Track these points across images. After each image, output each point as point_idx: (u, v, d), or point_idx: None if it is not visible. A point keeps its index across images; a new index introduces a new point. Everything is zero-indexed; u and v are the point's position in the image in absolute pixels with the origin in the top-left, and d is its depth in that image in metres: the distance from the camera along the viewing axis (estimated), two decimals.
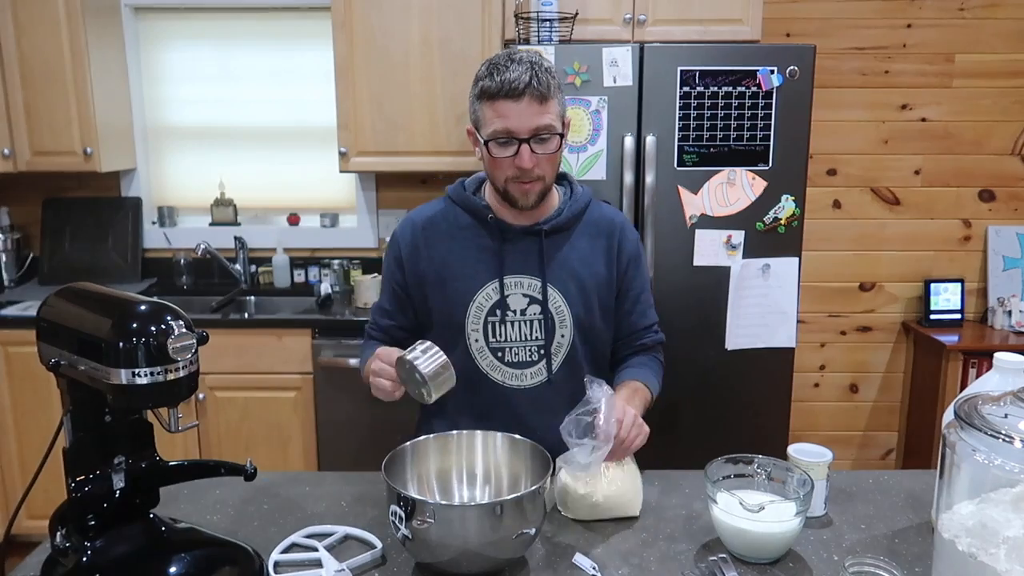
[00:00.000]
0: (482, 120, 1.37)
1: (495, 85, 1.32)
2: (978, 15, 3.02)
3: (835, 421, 3.33)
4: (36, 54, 2.78)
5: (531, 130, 1.34)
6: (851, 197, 3.16)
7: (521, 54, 1.35)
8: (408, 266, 1.52)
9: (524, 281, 1.47)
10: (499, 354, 1.47)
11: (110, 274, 3.14)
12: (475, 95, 1.38)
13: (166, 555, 1.10)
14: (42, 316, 1.09)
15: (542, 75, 1.33)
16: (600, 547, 1.18)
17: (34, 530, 1.69)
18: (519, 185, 1.39)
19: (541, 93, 1.33)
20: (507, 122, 1.33)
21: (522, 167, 1.36)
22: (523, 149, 1.34)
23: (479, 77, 1.36)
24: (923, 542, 1.20)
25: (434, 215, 1.53)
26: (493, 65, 1.34)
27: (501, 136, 1.34)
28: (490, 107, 1.34)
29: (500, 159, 1.37)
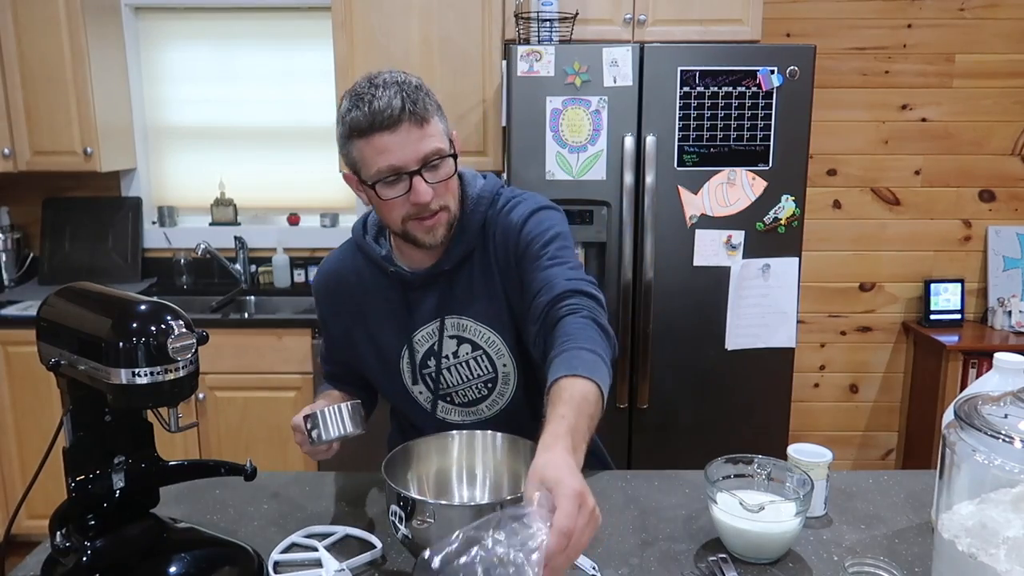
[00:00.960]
0: (360, 161, 1.19)
1: (365, 118, 1.15)
2: (978, 15, 3.02)
3: (835, 421, 3.33)
4: (36, 54, 2.78)
5: (419, 160, 1.17)
6: (851, 197, 3.16)
7: (384, 76, 1.20)
8: (332, 326, 1.43)
9: (440, 328, 1.33)
10: (449, 398, 1.38)
11: (110, 274, 3.14)
12: (343, 134, 1.19)
13: (166, 555, 1.10)
14: (42, 316, 1.09)
15: (414, 94, 1.17)
16: (600, 547, 1.18)
17: (34, 530, 1.69)
18: (420, 223, 1.22)
19: (419, 115, 1.16)
20: (390, 157, 1.16)
21: (419, 202, 1.18)
22: (416, 182, 1.17)
23: (344, 113, 1.18)
24: (923, 542, 1.19)
25: (342, 268, 1.39)
26: (356, 96, 1.17)
27: (387, 174, 1.17)
28: (366, 144, 1.16)
29: (391, 200, 1.19)
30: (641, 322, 2.44)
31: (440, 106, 1.23)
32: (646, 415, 2.50)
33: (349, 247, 1.41)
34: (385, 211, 1.23)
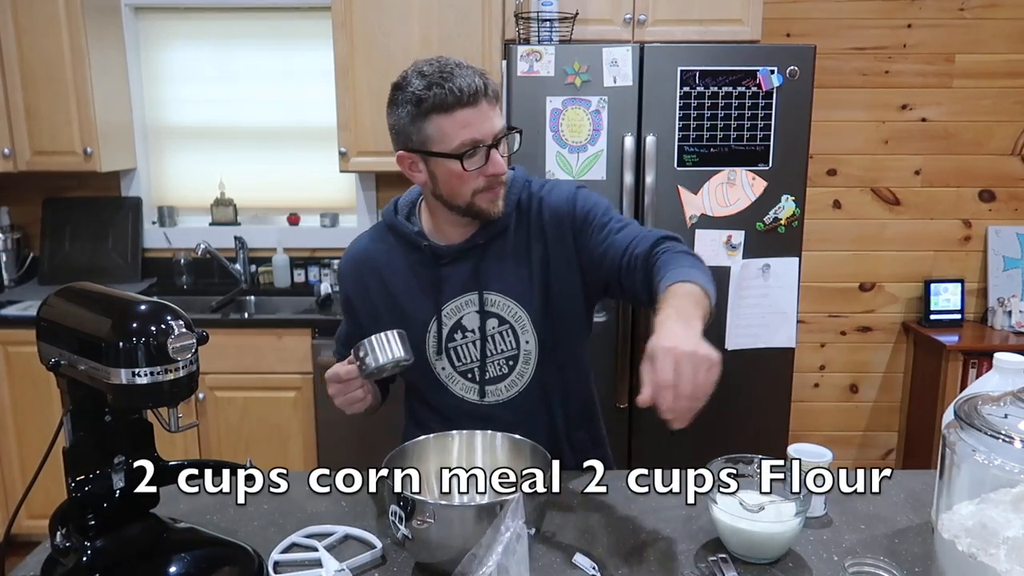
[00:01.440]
0: (437, 136, 1.27)
1: (449, 95, 1.23)
2: (978, 15, 3.02)
3: (835, 421, 3.33)
4: (36, 54, 2.78)
5: (495, 135, 1.27)
6: (851, 197, 3.16)
7: (449, 60, 1.27)
8: (358, 304, 1.47)
9: (471, 299, 1.39)
10: (469, 375, 1.42)
11: (110, 274, 3.14)
12: (415, 113, 1.27)
13: (166, 555, 1.10)
14: (42, 316, 1.09)
15: (485, 77, 1.27)
16: (600, 547, 1.18)
17: (34, 530, 1.69)
18: (487, 194, 1.31)
19: (493, 95, 1.27)
20: (473, 131, 1.25)
21: (497, 173, 1.29)
22: (493, 155, 1.27)
23: (419, 92, 1.25)
24: (923, 542, 1.19)
25: (371, 247, 1.46)
26: (434, 76, 1.24)
27: (468, 147, 1.25)
28: (447, 120, 1.25)
29: (467, 173, 1.28)
30: (641, 322, 2.44)
31: None
32: (646, 415, 2.49)
33: (377, 229, 1.48)
34: (457, 184, 1.30)
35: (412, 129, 1.29)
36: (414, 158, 1.32)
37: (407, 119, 1.29)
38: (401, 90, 1.29)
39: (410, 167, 1.34)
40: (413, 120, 1.28)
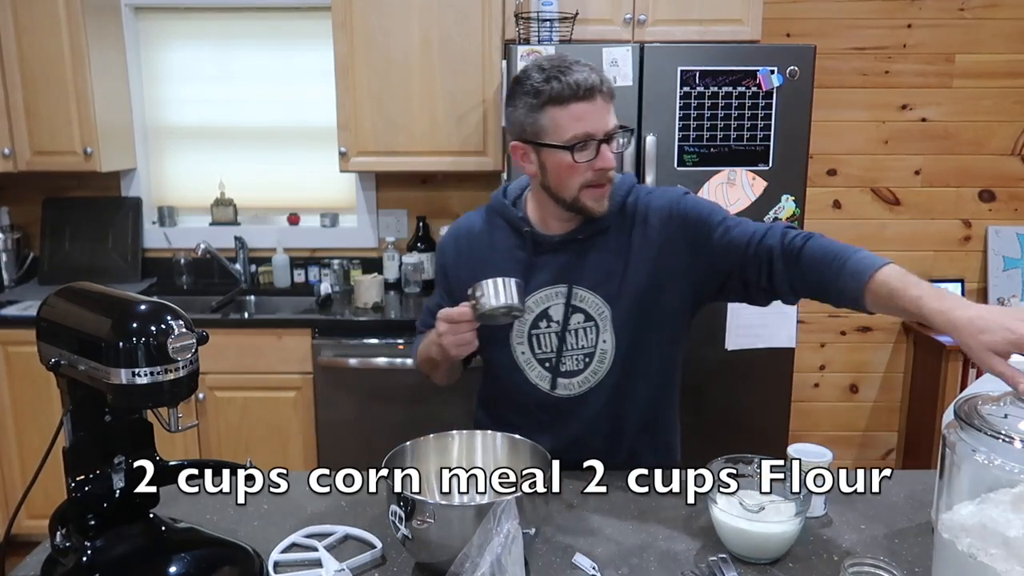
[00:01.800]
0: (551, 127, 1.31)
1: (566, 88, 1.28)
2: (978, 15, 3.02)
3: (835, 421, 3.33)
4: (36, 54, 2.78)
5: (607, 131, 1.32)
6: (851, 197, 3.16)
7: (567, 56, 1.32)
8: (452, 276, 1.53)
9: (560, 290, 1.43)
10: (546, 364, 1.45)
11: (110, 274, 3.14)
12: (533, 104, 1.31)
13: (166, 555, 1.10)
14: (42, 316, 1.09)
15: (602, 75, 1.31)
16: (600, 547, 1.18)
17: (34, 530, 1.69)
18: (594, 190, 1.35)
19: (608, 93, 1.32)
20: (586, 125, 1.30)
21: (606, 167, 1.33)
22: (603, 150, 1.32)
23: (537, 84, 1.30)
24: (923, 542, 1.20)
25: (474, 226, 1.53)
26: (552, 69, 1.30)
27: (581, 140, 1.30)
28: (562, 112, 1.29)
29: (577, 165, 1.32)
30: None
31: None
32: None
33: (483, 211, 1.55)
34: (566, 175, 1.34)
35: (528, 120, 1.34)
36: (527, 148, 1.37)
37: (524, 110, 1.34)
38: (520, 83, 1.34)
39: (522, 157, 1.39)
40: (530, 111, 1.33)
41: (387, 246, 3.15)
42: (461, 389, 2.68)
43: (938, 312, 1.10)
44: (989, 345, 1.00)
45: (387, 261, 3.12)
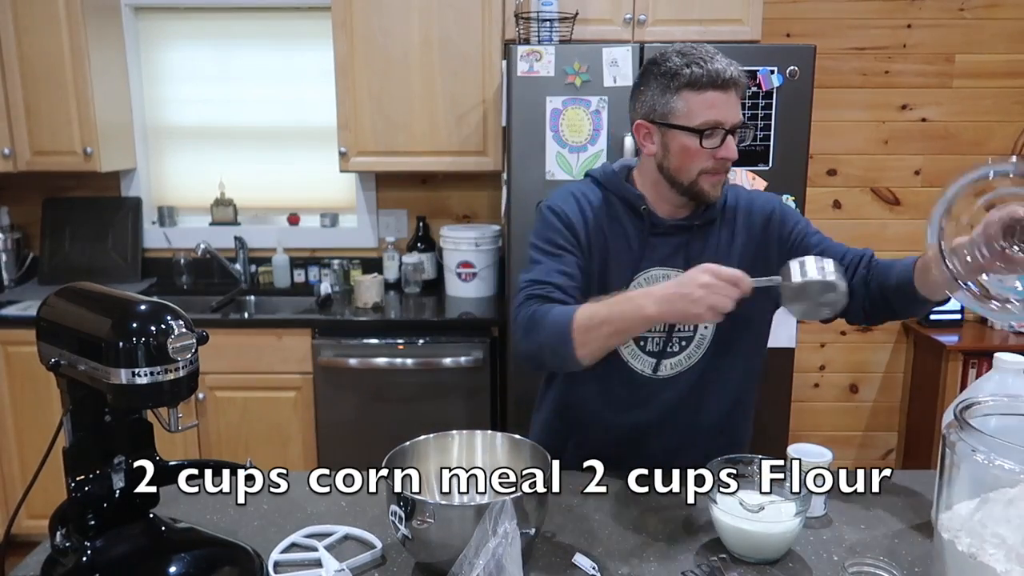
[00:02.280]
0: (683, 110, 1.34)
1: (705, 75, 1.31)
2: (978, 15, 3.02)
3: (835, 421, 3.33)
4: (36, 54, 2.78)
5: (734, 123, 1.34)
6: (851, 197, 3.16)
7: (707, 46, 1.35)
8: (582, 236, 1.44)
9: (669, 274, 1.42)
10: (641, 343, 1.45)
11: (110, 274, 3.14)
12: (668, 85, 1.34)
13: (166, 555, 1.10)
14: (42, 316, 1.09)
15: (741, 72, 1.34)
16: (600, 547, 1.18)
17: (34, 530, 1.69)
18: (712, 176, 1.37)
19: (741, 88, 1.35)
20: (718, 113, 1.32)
21: (728, 157, 1.35)
22: (729, 140, 1.34)
23: (675, 67, 1.33)
24: (923, 542, 1.20)
25: (592, 198, 1.47)
26: (692, 56, 1.32)
27: (710, 126, 1.33)
28: (696, 97, 1.32)
29: (701, 151, 1.34)
30: None
31: None
32: None
33: (593, 184, 1.50)
34: (687, 160, 1.36)
35: (660, 101, 1.36)
36: (651, 128, 1.39)
37: (657, 91, 1.36)
38: (657, 65, 1.36)
39: (644, 137, 1.41)
40: (663, 92, 1.35)
41: (387, 246, 3.15)
42: (461, 389, 2.69)
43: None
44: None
45: (387, 261, 3.12)
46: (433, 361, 2.63)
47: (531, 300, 1.37)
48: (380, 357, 2.63)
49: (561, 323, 1.29)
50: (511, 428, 2.47)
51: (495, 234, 2.96)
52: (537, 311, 1.34)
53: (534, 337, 1.33)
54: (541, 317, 1.32)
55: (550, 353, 1.32)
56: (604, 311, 1.27)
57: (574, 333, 1.28)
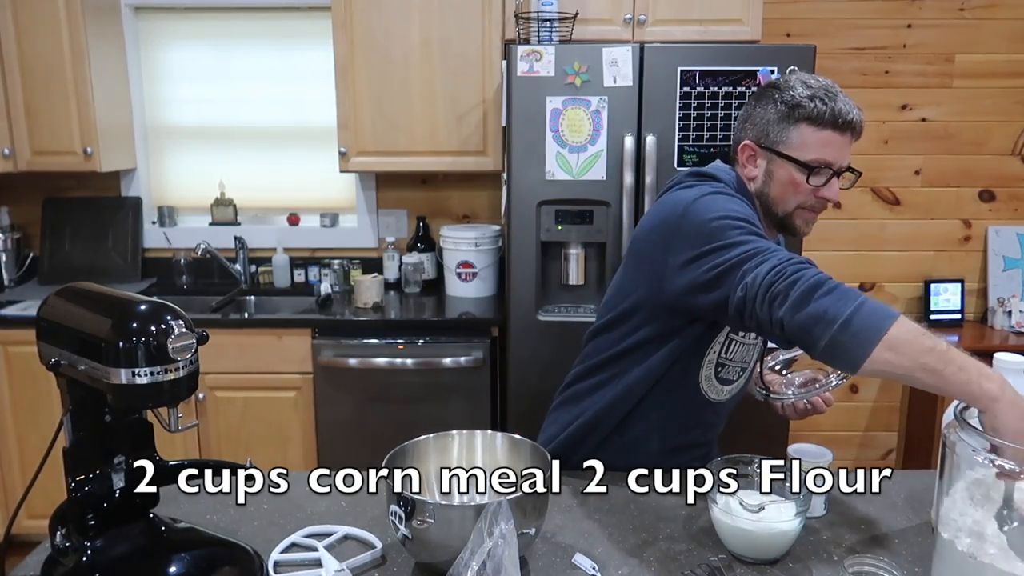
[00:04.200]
0: (795, 142, 1.32)
1: (829, 113, 1.29)
2: (978, 15, 3.02)
3: (835, 421, 3.33)
4: (36, 54, 2.78)
5: (844, 167, 1.34)
6: (851, 197, 3.16)
7: (832, 83, 1.34)
8: None
9: None
10: (720, 369, 1.45)
11: (110, 274, 3.14)
12: (790, 115, 1.32)
13: (166, 555, 1.10)
14: (42, 316, 1.09)
15: (861, 116, 1.33)
16: (600, 547, 1.18)
17: (34, 530, 1.69)
18: (807, 213, 1.37)
19: (858, 134, 1.34)
20: (831, 153, 1.31)
21: (829, 199, 1.34)
22: (834, 181, 1.34)
23: (801, 98, 1.31)
24: (923, 542, 1.20)
25: None
26: (821, 91, 1.31)
27: (821, 164, 1.32)
28: (815, 133, 1.31)
29: (803, 185, 1.33)
30: None
31: None
32: None
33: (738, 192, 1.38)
34: (790, 191, 1.35)
35: (776, 128, 1.34)
36: (758, 152, 1.37)
37: (775, 117, 1.34)
38: (779, 90, 1.35)
39: (748, 158, 1.39)
40: (781, 120, 1.33)
41: (387, 246, 3.15)
42: (461, 389, 2.69)
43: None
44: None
45: (387, 261, 3.12)
46: (433, 361, 2.63)
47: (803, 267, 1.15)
48: (380, 357, 2.63)
49: (880, 314, 1.09)
50: (511, 428, 2.47)
51: (495, 234, 2.96)
52: (838, 284, 1.12)
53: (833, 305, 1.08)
54: (846, 291, 1.11)
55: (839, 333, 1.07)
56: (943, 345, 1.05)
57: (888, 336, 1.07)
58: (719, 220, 1.25)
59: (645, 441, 1.48)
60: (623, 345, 1.43)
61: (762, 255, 1.18)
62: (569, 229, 2.45)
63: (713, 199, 1.30)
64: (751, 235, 1.23)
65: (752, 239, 1.22)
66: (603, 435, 1.49)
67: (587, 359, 1.51)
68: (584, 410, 1.50)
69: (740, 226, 1.24)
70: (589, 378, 1.50)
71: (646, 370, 1.41)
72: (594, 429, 1.49)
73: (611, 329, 1.46)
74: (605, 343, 1.47)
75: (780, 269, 1.14)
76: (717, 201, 1.30)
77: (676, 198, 1.35)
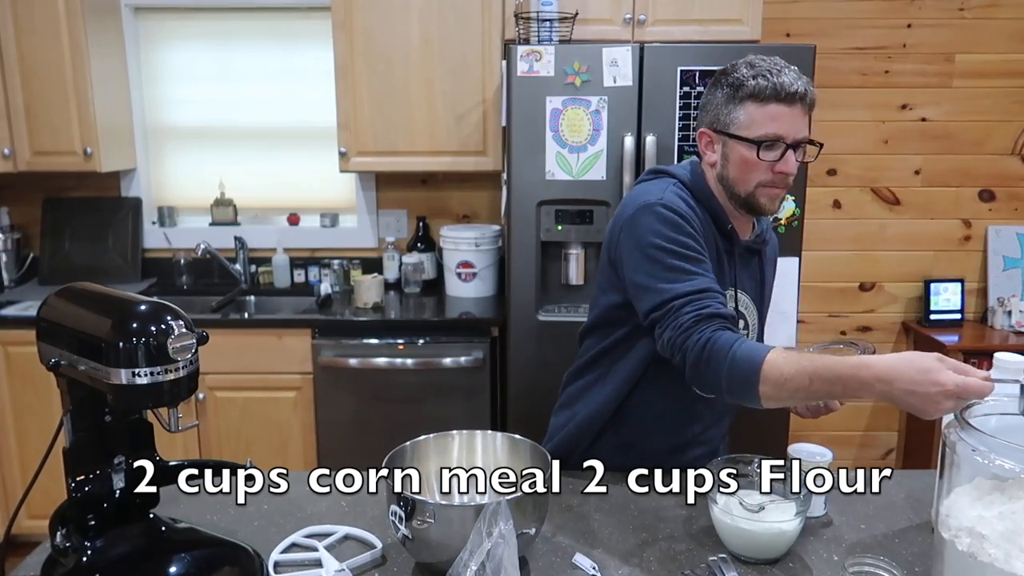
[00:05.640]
0: (742, 121, 1.33)
1: (770, 87, 1.30)
2: (978, 15, 3.02)
3: (835, 421, 3.32)
4: (36, 54, 2.78)
5: (797, 138, 1.33)
6: (851, 197, 3.16)
7: (780, 60, 1.34)
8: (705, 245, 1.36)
9: (741, 296, 1.45)
10: None
11: (110, 274, 3.14)
12: (734, 96, 1.33)
13: (166, 555, 1.10)
14: (42, 316, 1.09)
15: (808, 86, 1.33)
16: (600, 547, 1.18)
17: (34, 530, 1.69)
18: (771, 189, 1.36)
19: (808, 103, 1.33)
20: (779, 126, 1.31)
21: (786, 172, 1.34)
22: (789, 154, 1.33)
23: (742, 78, 1.32)
24: (923, 542, 1.20)
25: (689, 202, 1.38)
26: (761, 68, 1.31)
27: (771, 139, 1.32)
28: (759, 109, 1.31)
29: (759, 163, 1.33)
30: None
31: None
32: None
33: (685, 192, 1.40)
34: (745, 170, 1.35)
35: (724, 110, 1.36)
36: (714, 137, 1.39)
37: (722, 100, 1.36)
38: (726, 75, 1.36)
39: (707, 145, 1.41)
40: (727, 102, 1.35)
41: (387, 246, 3.15)
42: (461, 389, 2.69)
43: None
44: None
45: (387, 261, 3.12)
46: (433, 361, 2.63)
47: (701, 322, 1.24)
48: (380, 357, 2.63)
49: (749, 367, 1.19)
50: (511, 428, 2.47)
51: (495, 234, 2.96)
52: (715, 342, 1.21)
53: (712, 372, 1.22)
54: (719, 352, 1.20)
55: (728, 394, 1.24)
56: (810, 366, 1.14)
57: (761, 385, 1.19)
58: (654, 249, 1.31)
59: (642, 440, 1.48)
60: (606, 343, 1.46)
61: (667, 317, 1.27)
62: (569, 229, 2.45)
63: (659, 215, 1.33)
64: (686, 260, 1.30)
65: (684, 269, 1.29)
66: (595, 435, 1.50)
67: (578, 360, 1.54)
68: (576, 412, 1.52)
69: (677, 251, 1.30)
70: (579, 379, 1.53)
71: (629, 366, 1.43)
72: (587, 430, 1.49)
73: (596, 327, 1.49)
74: (592, 342, 1.50)
75: (672, 342, 1.26)
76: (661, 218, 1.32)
77: (630, 198, 1.41)
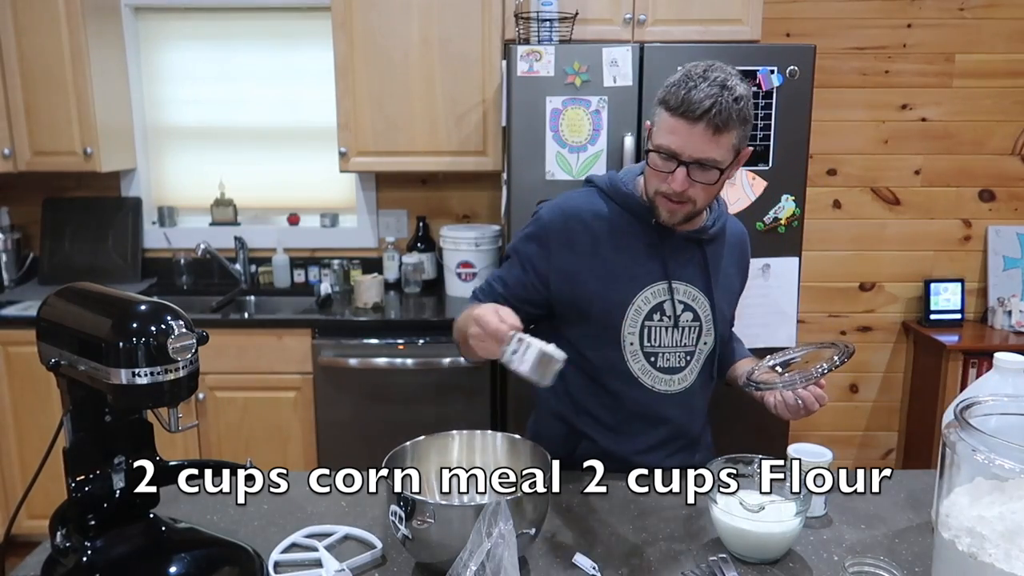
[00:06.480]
0: (657, 125, 1.34)
1: (677, 100, 1.27)
2: (978, 15, 3.02)
3: (835, 421, 3.33)
4: (36, 54, 2.78)
5: (693, 157, 1.29)
6: (851, 197, 3.16)
7: (717, 74, 1.29)
8: (556, 257, 1.44)
9: (682, 288, 1.45)
10: (652, 359, 1.46)
11: (110, 274, 3.14)
12: (658, 99, 1.33)
13: (166, 555, 1.10)
14: (42, 316, 1.09)
15: (726, 105, 1.26)
16: (600, 547, 1.19)
17: (34, 530, 1.69)
18: (666, 201, 1.36)
19: (716, 125, 1.27)
20: (673, 140, 1.30)
21: (663, 188, 1.34)
22: (678, 172, 1.30)
23: (668, 83, 1.31)
24: (923, 542, 1.20)
25: (585, 208, 1.45)
26: (685, 78, 1.29)
27: (664, 151, 1.31)
28: (667, 117, 1.30)
29: (650, 170, 1.36)
30: None
31: (748, 119, 1.33)
32: None
33: (590, 193, 1.49)
34: (648, 174, 1.39)
35: (655, 109, 1.36)
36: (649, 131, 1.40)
37: (657, 100, 1.35)
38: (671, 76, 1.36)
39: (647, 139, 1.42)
40: (656, 102, 1.35)
41: (387, 246, 3.16)
42: (461, 389, 2.69)
43: None
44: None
45: (387, 261, 3.12)
46: (433, 361, 2.63)
47: (473, 297, 1.51)
48: (380, 357, 2.63)
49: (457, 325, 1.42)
50: (511, 428, 2.47)
51: (495, 234, 2.96)
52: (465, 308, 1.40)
53: None
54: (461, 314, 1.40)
55: None
56: (462, 322, 1.35)
57: (456, 336, 1.44)
58: (511, 246, 1.51)
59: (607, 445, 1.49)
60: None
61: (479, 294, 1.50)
62: None
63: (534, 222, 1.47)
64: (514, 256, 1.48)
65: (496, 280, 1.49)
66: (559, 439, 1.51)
67: None
68: (539, 417, 1.57)
69: (516, 247, 1.49)
70: None
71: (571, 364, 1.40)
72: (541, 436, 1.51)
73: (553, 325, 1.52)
74: None
75: None
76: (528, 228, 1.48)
77: None
